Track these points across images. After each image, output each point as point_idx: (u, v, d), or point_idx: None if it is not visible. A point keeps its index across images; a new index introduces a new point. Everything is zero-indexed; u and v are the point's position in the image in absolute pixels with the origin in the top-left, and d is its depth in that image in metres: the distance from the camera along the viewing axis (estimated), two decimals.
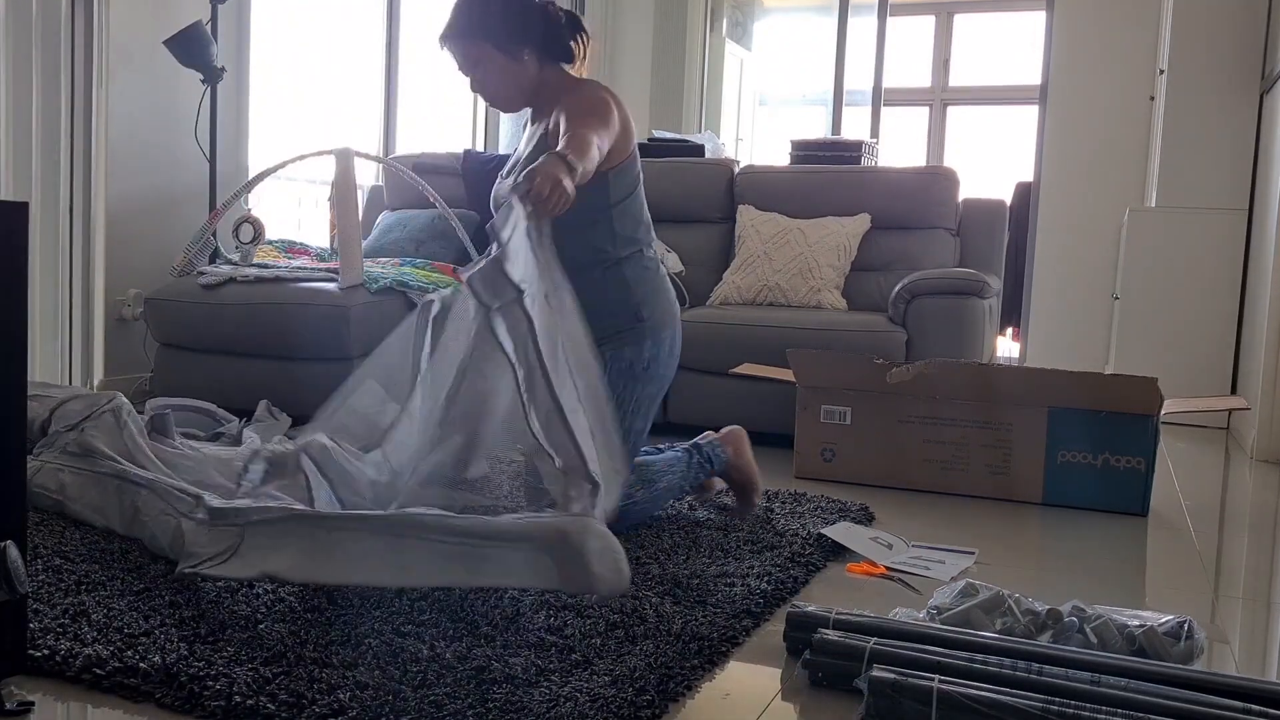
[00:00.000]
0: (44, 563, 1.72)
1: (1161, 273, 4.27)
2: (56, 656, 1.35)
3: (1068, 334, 5.08)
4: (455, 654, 1.40)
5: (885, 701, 1.24)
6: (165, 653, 1.36)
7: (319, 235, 4.58)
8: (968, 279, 3.15)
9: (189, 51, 3.48)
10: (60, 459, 2.09)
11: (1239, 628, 1.77)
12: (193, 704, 1.25)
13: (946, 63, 7.45)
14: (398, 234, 4.01)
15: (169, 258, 3.60)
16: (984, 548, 2.17)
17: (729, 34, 6.71)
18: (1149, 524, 2.46)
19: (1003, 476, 2.63)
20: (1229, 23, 4.20)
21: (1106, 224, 5.00)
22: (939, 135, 7.48)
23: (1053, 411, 2.58)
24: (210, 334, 3.18)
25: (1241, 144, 4.21)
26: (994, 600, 1.57)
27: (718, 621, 1.57)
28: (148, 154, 3.68)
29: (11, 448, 1.29)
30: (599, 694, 1.29)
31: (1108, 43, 5.04)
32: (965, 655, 1.34)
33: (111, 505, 1.94)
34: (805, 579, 1.86)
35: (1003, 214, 3.76)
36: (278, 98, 4.35)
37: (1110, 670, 1.31)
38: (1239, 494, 2.96)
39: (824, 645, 1.39)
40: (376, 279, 3.23)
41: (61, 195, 3.31)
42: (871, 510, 2.40)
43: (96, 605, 1.53)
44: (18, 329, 1.29)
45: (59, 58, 3.25)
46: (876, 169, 3.93)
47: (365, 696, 1.25)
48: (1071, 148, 5.10)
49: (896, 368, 2.72)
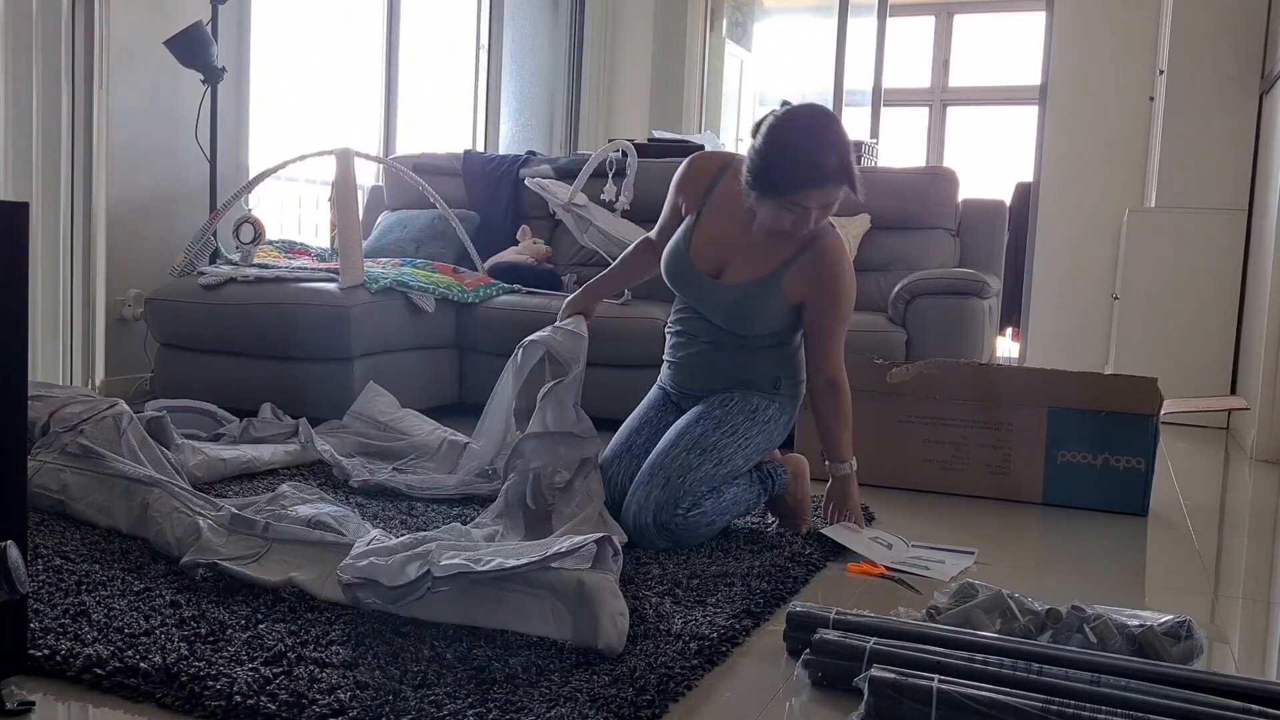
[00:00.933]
0: (44, 563, 1.72)
1: (1161, 273, 4.27)
2: (57, 656, 1.35)
3: (1067, 334, 5.08)
4: (455, 654, 1.40)
5: (885, 701, 1.24)
6: (166, 653, 1.36)
7: (319, 235, 4.58)
8: (967, 279, 3.15)
9: (189, 52, 3.49)
10: (61, 459, 2.09)
11: (1238, 627, 1.77)
12: (193, 704, 1.25)
13: (946, 63, 7.45)
14: (398, 234, 4.01)
15: (169, 258, 3.60)
16: (984, 548, 2.17)
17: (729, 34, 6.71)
18: (1149, 524, 2.46)
19: (1003, 476, 2.63)
20: (1229, 23, 4.20)
21: (1106, 224, 5.00)
22: (939, 135, 7.48)
23: (1053, 411, 2.58)
24: (211, 334, 3.18)
25: (1241, 144, 4.21)
26: (994, 600, 1.57)
27: (718, 621, 1.57)
28: (148, 154, 3.69)
29: (12, 448, 1.29)
30: (599, 694, 1.29)
31: (1107, 43, 5.04)
32: (965, 655, 1.34)
33: (118, 504, 1.95)
34: (805, 579, 1.86)
35: (1002, 214, 3.76)
36: (278, 98, 4.35)
37: (1110, 670, 1.31)
38: (1239, 494, 2.96)
39: (824, 645, 1.39)
40: (377, 279, 3.23)
41: (62, 195, 3.31)
42: (871, 510, 2.40)
43: (97, 605, 1.53)
44: (18, 329, 1.29)
45: (59, 58, 3.25)
46: (876, 169, 3.94)
47: (365, 696, 1.25)
48: (1071, 148, 5.10)
49: (896, 368, 2.72)
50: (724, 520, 2.05)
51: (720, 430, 2.06)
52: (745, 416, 2.09)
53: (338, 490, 2.34)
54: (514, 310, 3.48)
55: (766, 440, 2.13)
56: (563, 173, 4.01)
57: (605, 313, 3.40)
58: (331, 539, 1.68)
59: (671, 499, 1.97)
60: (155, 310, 3.24)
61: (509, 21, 5.76)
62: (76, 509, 2.00)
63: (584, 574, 1.47)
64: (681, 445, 2.03)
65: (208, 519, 1.79)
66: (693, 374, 2.20)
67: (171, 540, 1.77)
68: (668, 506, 1.96)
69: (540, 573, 1.48)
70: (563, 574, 1.48)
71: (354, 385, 3.09)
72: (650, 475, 2.02)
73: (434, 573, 1.45)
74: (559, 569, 1.48)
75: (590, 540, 1.51)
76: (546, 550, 1.50)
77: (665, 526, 1.96)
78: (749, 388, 2.13)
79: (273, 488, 2.29)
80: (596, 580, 1.46)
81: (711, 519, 2.01)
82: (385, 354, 3.24)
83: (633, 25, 6.26)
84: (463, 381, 3.59)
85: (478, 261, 3.88)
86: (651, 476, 2.01)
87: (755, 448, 2.11)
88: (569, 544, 1.51)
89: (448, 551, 1.53)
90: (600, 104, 6.17)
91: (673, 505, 1.97)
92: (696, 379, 2.19)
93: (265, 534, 1.71)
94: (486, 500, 2.25)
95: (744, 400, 2.11)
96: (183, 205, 3.81)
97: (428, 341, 3.43)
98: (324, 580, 1.60)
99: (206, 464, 2.37)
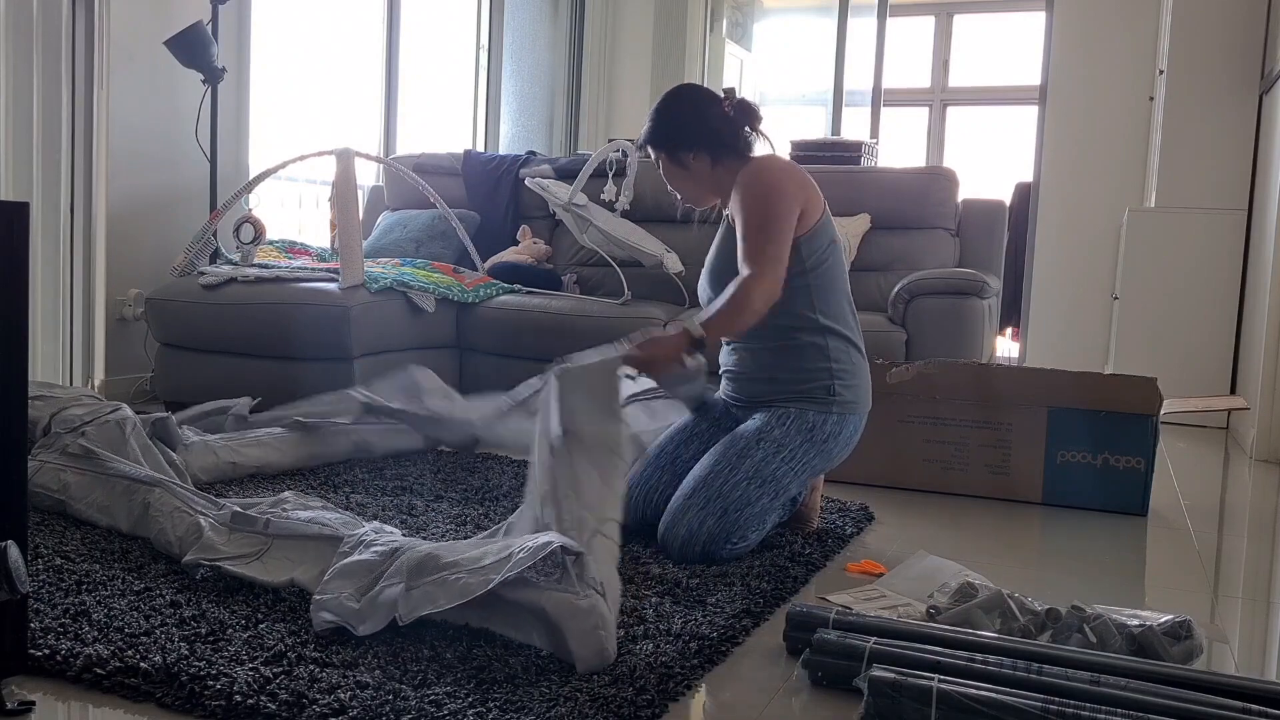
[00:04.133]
0: (45, 562, 1.72)
1: (1161, 273, 4.27)
2: (57, 656, 1.35)
3: (1067, 334, 5.08)
4: (456, 654, 1.40)
5: (885, 701, 1.24)
6: (166, 652, 1.36)
7: (319, 235, 4.58)
8: (967, 279, 3.15)
9: (190, 52, 3.49)
10: (61, 459, 2.09)
11: (1238, 627, 1.77)
12: (193, 704, 1.25)
13: (946, 63, 7.45)
14: (398, 234, 4.01)
15: (170, 258, 3.60)
16: (984, 547, 2.17)
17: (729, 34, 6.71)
18: (1148, 524, 2.46)
19: (1002, 476, 2.63)
20: (1228, 23, 4.20)
21: (1106, 224, 5.00)
22: (939, 135, 7.48)
23: (1052, 411, 2.58)
24: (211, 334, 3.18)
25: (1241, 144, 4.21)
26: (994, 600, 1.57)
27: (717, 621, 1.57)
28: (148, 154, 3.69)
29: (12, 447, 1.29)
30: (599, 694, 1.29)
31: (1107, 43, 5.04)
32: (965, 655, 1.34)
33: (119, 504, 1.95)
34: (805, 578, 1.86)
35: (1002, 214, 3.76)
36: (278, 98, 4.35)
37: (1109, 670, 1.31)
38: (1238, 494, 2.96)
39: (824, 645, 1.39)
40: (377, 279, 3.23)
41: (62, 195, 3.31)
42: (871, 510, 2.41)
43: (97, 605, 1.53)
44: (18, 329, 1.30)
45: (60, 58, 3.25)
46: (876, 169, 3.93)
47: (366, 696, 1.25)
48: (1071, 148, 5.10)
49: (896, 367, 2.72)
50: (755, 528, 2.00)
51: (779, 456, 1.99)
52: (804, 439, 2.02)
53: (338, 491, 2.34)
54: (514, 310, 3.48)
55: (824, 463, 2.08)
56: (563, 173, 4.01)
57: (604, 313, 3.40)
58: (330, 533, 1.67)
59: (725, 531, 1.91)
60: (155, 310, 3.24)
61: (509, 21, 5.76)
62: (77, 509, 2.00)
63: (545, 598, 1.40)
64: (742, 473, 1.96)
65: (209, 518, 1.79)
66: (743, 380, 2.15)
67: (173, 539, 1.77)
68: (719, 539, 1.90)
69: (511, 592, 1.43)
70: (530, 599, 1.42)
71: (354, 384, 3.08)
72: (706, 501, 1.93)
73: (400, 620, 1.42)
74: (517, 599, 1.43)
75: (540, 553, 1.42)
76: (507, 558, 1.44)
77: (712, 555, 1.91)
78: (805, 400, 2.06)
79: (276, 492, 2.29)
80: (557, 603, 1.39)
81: (750, 548, 1.99)
82: (385, 354, 3.24)
83: (633, 25, 6.26)
84: (463, 382, 3.58)
85: (478, 261, 3.88)
86: (708, 502, 1.92)
87: (812, 471, 2.07)
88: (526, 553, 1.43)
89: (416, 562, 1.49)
90: (600, 104, 6.17)
91: (725, 537, 1.91)
92: (747, 385, 2.14)
93: (266, 530, 1.71)
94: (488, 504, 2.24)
95: (800, 418, 2.04)
96: (183, 205, 3.81)
97: (428, 341, 3.43)
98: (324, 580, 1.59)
99: (215, 468, 2.37)
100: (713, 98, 2.15)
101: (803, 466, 2.03)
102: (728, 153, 2.12)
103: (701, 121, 2.12)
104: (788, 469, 2.00)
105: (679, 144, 2.13)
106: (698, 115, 2.12)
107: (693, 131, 2.12)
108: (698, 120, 2.12)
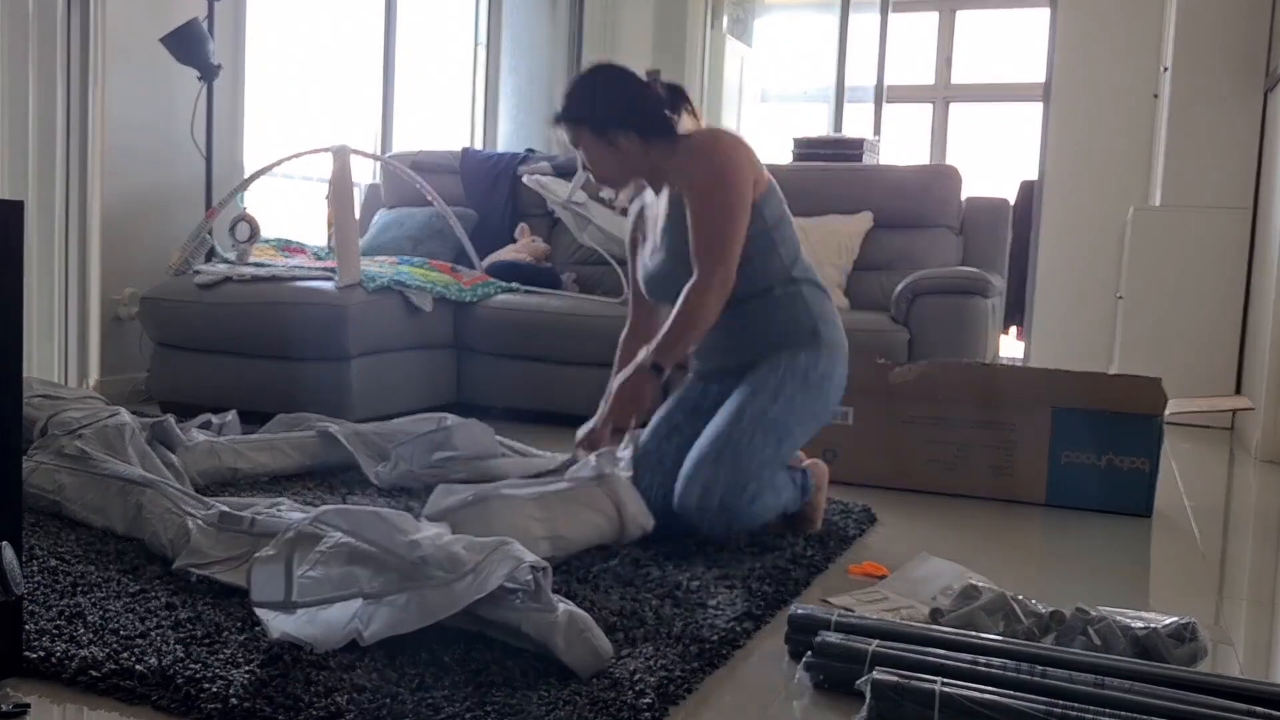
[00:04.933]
0: (40, 564, 1.71)
1: (1166, 272, 4.25)
2: (52, 658, 1.33)
3: (1071, 333, 5.07)
4: (454, 657, 1.38)
5: (887, 704, 1.23)
6: (161, 655, 1.34)
7: (316, 234, 4.56)
8: (971, 278, 3.13)
9: (185, 49, 3.47)
10: (56, 460, 2.08)
11: (1243, 629, 1.76)
12: (189, 707, 1.24)
13: (949, 59, 7.43)
14: (395, 232, 4.00)
15: (165, 256, 3.59)
16: (987, 549, 2.16)
17: (730, 30, 6.69)
18: (1153, 525, 2.45)
19: (1006, 477, 2.62)
20: (1234, 20, 4.18)
21: (1110, 222, 4.99)
22: (942, 133, 7.46)
23: (1056, 412, 2.57)
24: (207, 333, 3.17)
25: (1246, 142, 4.19)
26: (997, 602, 1.56)
27: (718, 624, 1.56)
28: (143, 152, 3.67)
29: (7, 448, 1.28)
30: (598, 697, 1.28)
31: (1112, 40, 5.03)
32: (968, 658, 1.33)
33: (113, 505, 1.93)
34: (807, 580, 1.85)
35: (1006, 212, 3.74)
36: (274, 95, 4.34)
37: (1114, 672, 1.30)
38: (1243, 495, 2.95)
39: (826, 648, 1.38)
40: (374, 278, 3.21)
41: (57, 194, 3.30)
42: (874, 512, 2.39)
43: (92, 607, 1.52)
44: (13, 329, 1.28)
45: (55, 55, 3.24)
46: (879, 167, 3.92)
47: (363, 699, 1.24)
48: (1075, 146, 5.08)
49: (899, 367, 2.70)
50: (770, 517, 2.04)
51: (778, 403, 2.01)
52: (799, 383, 2.04)
53: (335, 492, 2.33)
54: (513, 309, 3.47)
55: (823, 406, 2.09)
56: (561, 170, 3.99)
57: (603, 311, 3.39)
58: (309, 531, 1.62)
59: (740, 481, 1.94)
60: (150, 309, 3.23)
61: (507, 18, 5.75)
62: (72, 510, 1.99)
63: (524, 620, 1.38)
64: (747, 421, 1.98)
65: (197, 519, 1.76)
66: (717, 347, 2.15)
67: (165, 542, 1.76)
68: (735, 489, 1.93)
69: (488, 612, 1.41)
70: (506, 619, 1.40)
71: (351, 385, 3.08)
72: (718, 453, 1.96)
73: (362, 640, 1.39)
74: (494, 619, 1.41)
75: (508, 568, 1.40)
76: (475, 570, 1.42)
77: (730, 509, 1.93)
78: (794, 346, 2.08)
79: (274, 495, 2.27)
80: (536, 624, 1.38)
81: (766, 514, 2.01)
82: (382, 354, 3.22)
83: (633, 21, 6.25)
84: (461, 382, 3.57)
85: (476, 260, 3.86)
86: (720, 454, 1.96)
87: (814, 417, 2.08)
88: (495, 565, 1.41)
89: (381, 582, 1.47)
90: None
91: (741, 487, 1.94)
92: (725, 351, 2.14)
93: (252, 529, 1.67)
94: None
95: (791, 363, 2.06)
96: (178, 203, 3.79)
97: (425, 341, 3.42)
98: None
99: (214, 471, 2.34)
100: (639, 78, 2.12)
101: (804, 412, 2.05)
102: (659, 134, 2.10)
103: (634, 100, 2.08)
104: (788, 415, 2.02)
105: (610, 122, 2.07)
106: (630, 93, 2.09)
107: (624, 109, 2.07)
108: (630, 98, 2.08)
